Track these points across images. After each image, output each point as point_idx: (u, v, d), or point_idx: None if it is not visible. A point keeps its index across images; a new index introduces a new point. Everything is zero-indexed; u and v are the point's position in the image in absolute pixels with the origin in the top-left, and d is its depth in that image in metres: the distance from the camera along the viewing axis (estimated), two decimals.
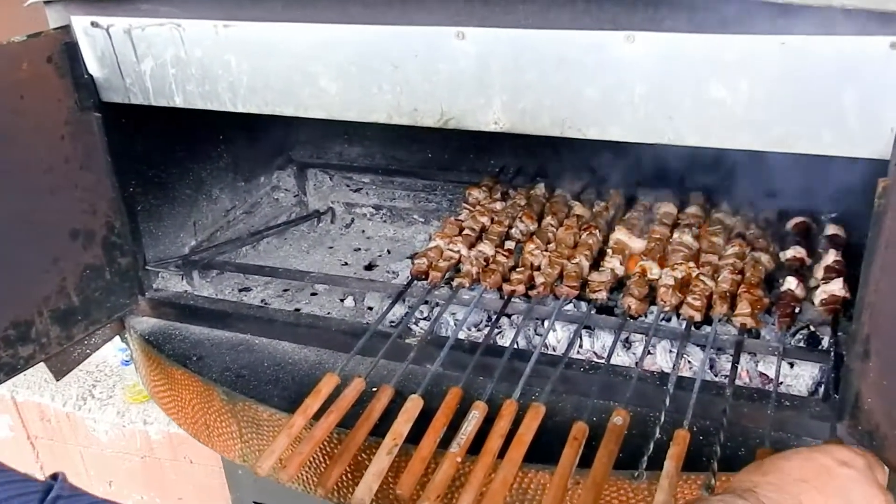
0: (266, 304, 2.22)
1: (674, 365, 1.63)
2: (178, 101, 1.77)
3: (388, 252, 2.50)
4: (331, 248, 2.55)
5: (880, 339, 1.38)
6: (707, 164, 1.93)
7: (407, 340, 1.84)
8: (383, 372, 1.80)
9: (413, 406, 1.58)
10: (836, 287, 1.69)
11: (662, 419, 1.52)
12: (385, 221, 2.64)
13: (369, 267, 2.42)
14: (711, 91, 1.36)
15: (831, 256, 1.78)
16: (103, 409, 3.74)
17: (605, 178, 2.30)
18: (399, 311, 2.05)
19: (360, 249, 2.53)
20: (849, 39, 1.26)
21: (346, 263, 2.45)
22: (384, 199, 2.64)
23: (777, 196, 2.10)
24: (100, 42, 1.76)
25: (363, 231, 2.64)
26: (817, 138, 1.34)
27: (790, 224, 1.99)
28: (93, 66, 1.80)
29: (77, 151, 1.85)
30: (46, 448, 3.95)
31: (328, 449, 1.67)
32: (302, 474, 1.72)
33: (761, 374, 1.76)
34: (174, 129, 2.10)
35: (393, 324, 2.02)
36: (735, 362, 1.62)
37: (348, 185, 2.70)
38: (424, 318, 2.04)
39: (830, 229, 1.89)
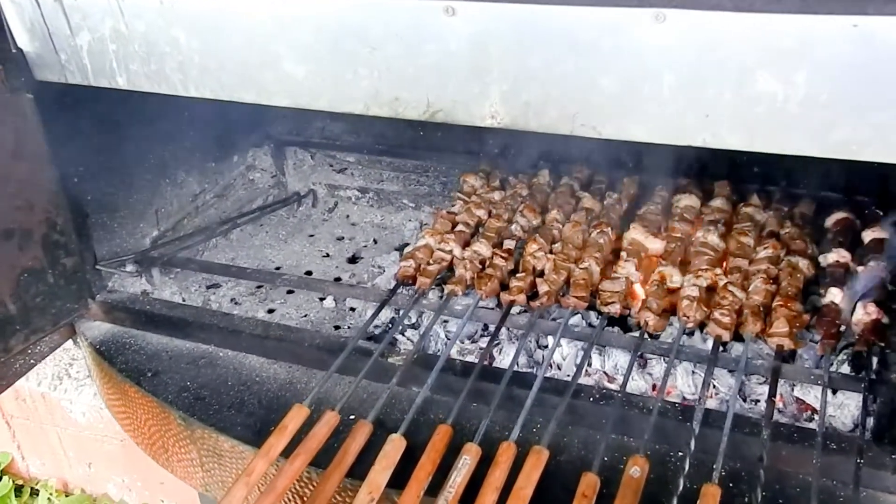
0: (236, 303, 1.98)
1: (699, 398, 1.39)
2: (122, 83, 1.51)
3: (375, 242, 2.25)
4: (311, 236, 2.31)
5: None
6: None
7: (390, 360, 1.60)
8: (363, 395, 1.58)
9: (393, 449, 1.35)
10: (872, 310, 1.45)
11: (687, 467, 1.29)
12: (372, 206, 2.39)
13: (353, 259, 2.17)
14: (759, 84, 1.10)
15: (870, 269, 1.54)
16: (80, 390, 3.53)
17: (617, 163, 2.03)
18: (385, 314, 1.81)
19: (343, 238, 2.28)
20: None
21: (327, 255, 2.21)
22: (371, 181, 2.38)
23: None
24: (28, 11, 1.50)
25: (347, 216, 2.39)
26: (891, 144, 1.08)
27: (830, 221, 1.73)
28: (22, 39, 1.54)
29: (7, 139, 1.59)
30: (23, 428, 3.76)
31: (298, 488, 1.45)
32: None
33: (798, 401, 1.53)
34: (126, 106, 1.83)
35: (378, 329, 1.79)
36: (771, 395, 1.38)
37: (331, 165, 2.43)
38: (412, 326, 1.80)
39: (872, 231, 1.63)
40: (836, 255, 1.61)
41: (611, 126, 1.22)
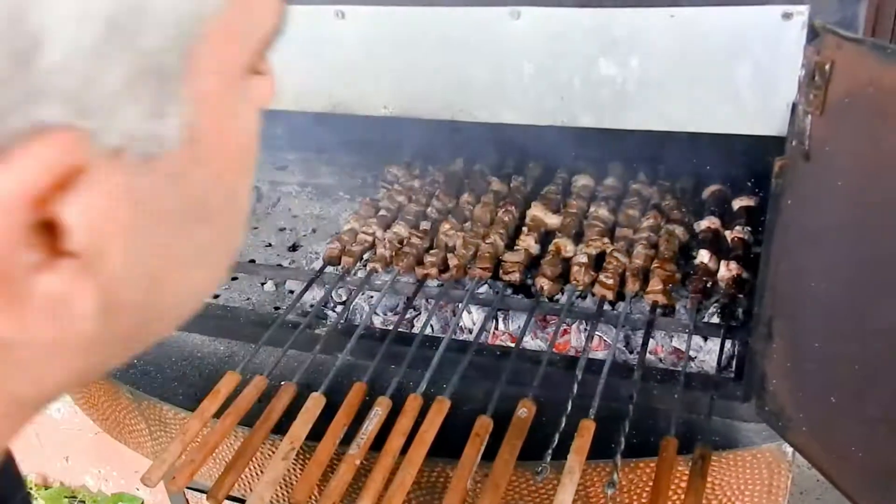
0: None
1: (583, 348, 1.58)
2: None
3: (314, 231, 2.42)
4: (255, 228, 2.47)
5: (782, 320, 1.34)
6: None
7: (316, 331, 1.78)
8: (294, 364, 1.75)
9: (314, 405, 1.53)
10: (733, 267, 1.65)
11: (570, 407, 1.47)
12: (311, 199, 2.56)
13: (293, 248, 2.35)
14: (601, 69, 1.29)
15: (735, 232, 1.74)
16: None
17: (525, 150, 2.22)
18: (318, 294, 1.99)
19: (284, 229, 2.45)
20: (740, 10, 1.20)
21: (269, 244, 2.38)
22: (309, 177, 2.56)
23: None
24: None
25: (289, 209, 2.56)
26: (713, 116, 1.28)
27: (706, 192, 1.94)
28: None
29: None
30: None
31: (230, 443, 1.62)
32: (211, 477, 1.67)
33: (675, 350, 1.72)
34: None
35: (312, 307, 1.96)
36: (644, 343, 1.58)
37: (273, 164, 2.61)
38: (342, 303, 1.98)
39: (741, 200, 1.84)
40: (708, 222, 1.80)
41: (485, 111, 1.40)
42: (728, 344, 1.62)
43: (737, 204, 1.82)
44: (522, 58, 1.33)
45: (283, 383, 1.62)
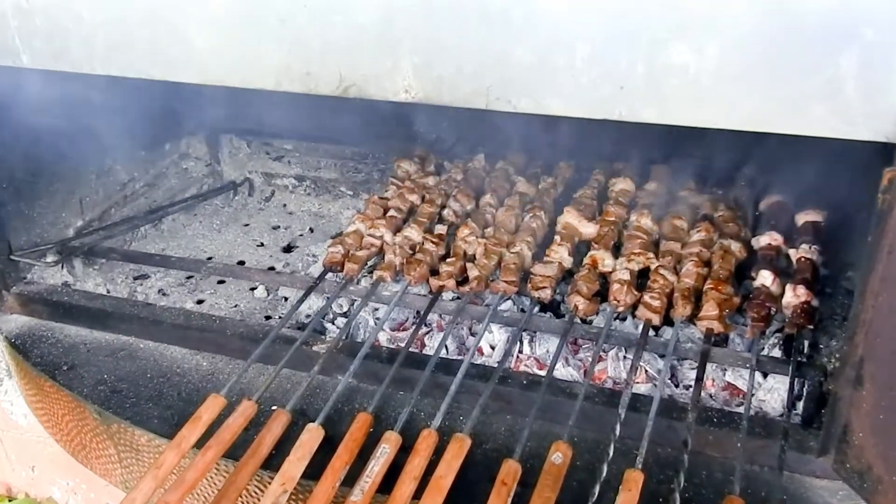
0: (164, 294, 1.91)
1: (626, 381, 1.36)
2: (26, 61, 1.44)
3: (311, 230, 2.20)
4: (246, 225, 2.25)
5: (877, 363, 1.13)
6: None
7: (314, 348, 1.55)
8: (287, 386, 1.53)
9: (310, 439, 1.30)
10: (801, 293, 1.42)
11: (612, 452, 1.25)
12: (309, 194, 2.33)
13: (288, 249, 2.12)
14: (672, 54, 1.06)
15: (801, 251, 1.51)
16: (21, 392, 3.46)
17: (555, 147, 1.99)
18: (316, 303, 1.76)
19: (279, 227, 2.22)
20: None
21: (261, 244, 2.15)
22: (308, 169, 2.33)
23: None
24: None
25: (284, 205, 2.33)
26: (805, 115, 1.05)
27: (764, 203, 1.71)
28: None
29: None
30: None
31: (214, 480, 1.40)
32: None
33: (728, 385, 1.50)
34: (46, 89, 1.75)
35: (309, 318, 1.73)
36: (699, 378, 1.35)
37: (268, 153, 2.37)
38: (343, 315, 1.75)
39: (806, 214, 1.61)
40: (769, 238, 1.58)
41: (526, 100, 1.17)
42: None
43: (801, 219, 1.59)
44: (575, 38, 1.10)
45: (274, 409, 1.39)
